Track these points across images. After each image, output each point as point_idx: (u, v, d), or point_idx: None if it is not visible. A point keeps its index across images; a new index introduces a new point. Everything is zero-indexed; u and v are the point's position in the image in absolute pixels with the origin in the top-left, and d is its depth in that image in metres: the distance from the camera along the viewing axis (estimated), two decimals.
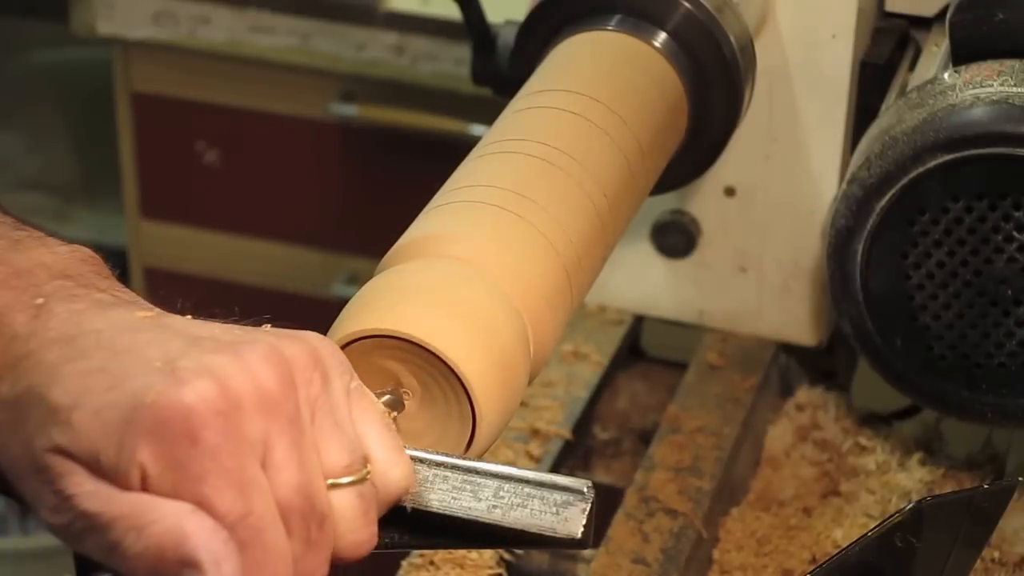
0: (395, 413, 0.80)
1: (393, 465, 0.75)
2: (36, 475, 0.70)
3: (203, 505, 0.68)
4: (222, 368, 0.70)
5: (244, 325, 0.76)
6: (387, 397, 0.81)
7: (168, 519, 0.68)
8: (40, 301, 0.74)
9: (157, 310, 0.76)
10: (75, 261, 0.79)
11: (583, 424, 1.28)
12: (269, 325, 0.77)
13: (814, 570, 0.90)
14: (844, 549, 0.91)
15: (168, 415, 0.68)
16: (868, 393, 1.32)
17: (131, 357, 0.70)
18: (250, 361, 0.71)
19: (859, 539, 0.90)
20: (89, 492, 0.69)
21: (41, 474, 0.70)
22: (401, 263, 0.87)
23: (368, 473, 0.74)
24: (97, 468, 0.69)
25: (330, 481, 0.72)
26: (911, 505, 0.90)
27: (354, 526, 0.73)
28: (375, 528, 0.75)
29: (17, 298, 0.75)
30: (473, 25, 1.24)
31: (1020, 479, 1.00)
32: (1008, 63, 1.11)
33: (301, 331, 0.75)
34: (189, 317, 0.75)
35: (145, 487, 0.69)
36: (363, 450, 0.74)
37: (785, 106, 1.25)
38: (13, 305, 0.74)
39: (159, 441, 0.68)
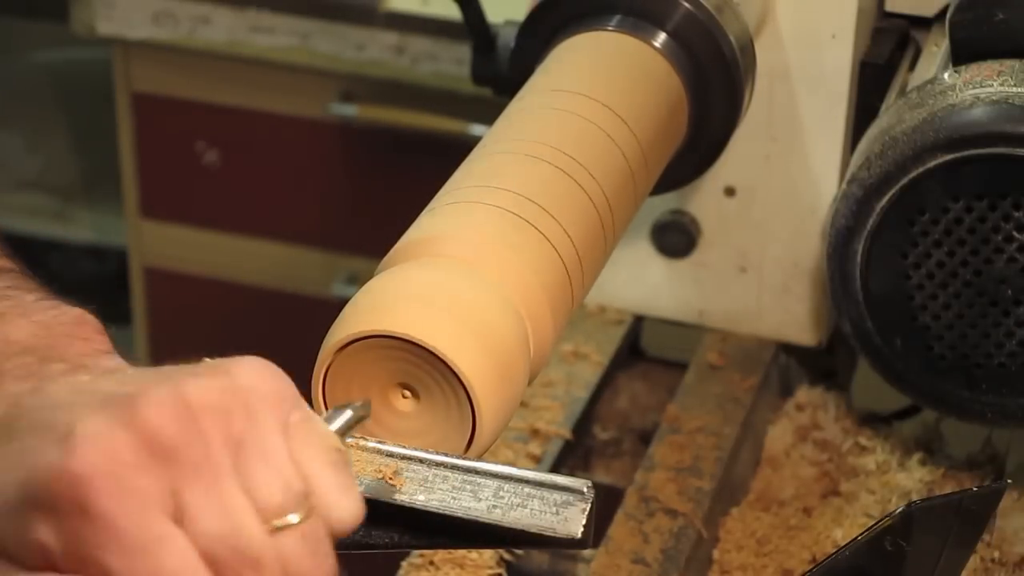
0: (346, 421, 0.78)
1: (335, 503, 0.70)
2: None
3: (110, 574, 0.65)
4: (109, 428, 0.66)
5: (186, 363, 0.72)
6: (348, 414, 0.77)
7: None
8: None
9: (112, 369, 0.73)
10: (45, 333, 0.76)
11: (583, 424, 1.28)
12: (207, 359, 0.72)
13: (804, 574, 0.90)
14: (834, 553, 0.91)
15: (57, 487, 0.65)
16: (868, 393, 1.32)
17: (42, 432, 0.68)
18: (140, 411, 0.67)
19: (848, 543, 0.90)
20: None
21: None
22: (401, 263, 0.87)
23: (311, 511, 0.69)
24: (7, 554, 0.67)
25: (274, 523, 0.68)
26: (900, 509, 0.90)
27: (304, 567, 0.69)
28: (332, 562, 0.70)
29: None
30: (473, 25, 1.24)
31: (1009, 481, 1.00)
32: (1008, 63, 1.11)
33: (235, 362, 0.71)
34: (137, 371, 0.72)
35: (51, 566, 0.66)
36: (302, 485, 0.69)
37: (785, 106, 1.25)
38: None
39: (54, 515, 0.66)
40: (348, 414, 0.76)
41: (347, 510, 0.71)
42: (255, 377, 0.70)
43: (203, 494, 0.67)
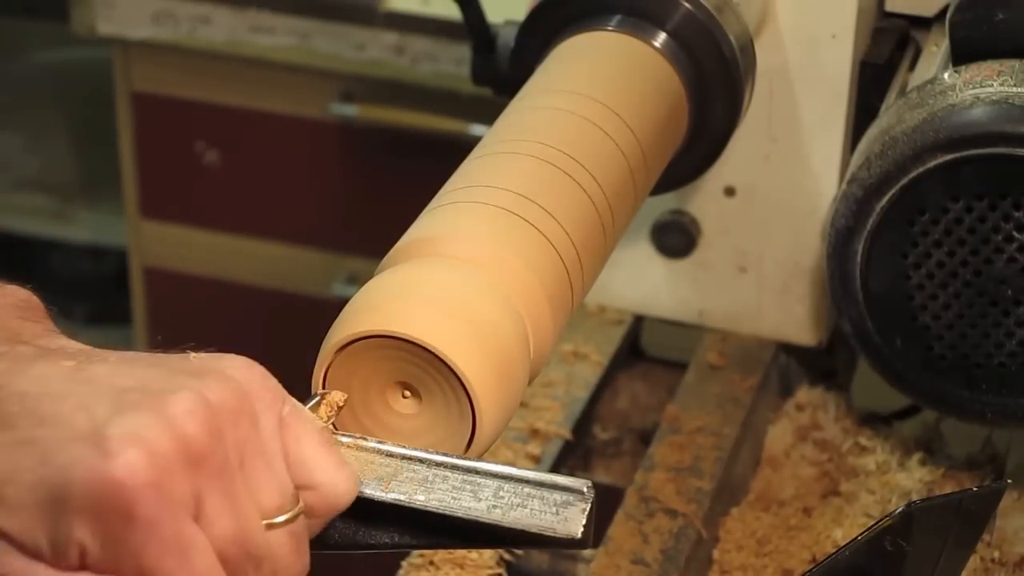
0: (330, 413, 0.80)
1: (335, 486, 0.74)
2: None
3: (146, 574, 0.67)
4: (147, 431, 0.68)
5: (171, 352, 0.73)
6: (316, 397, 0.80)
7: None
8: None
9: (84, 352, 0.73)
10: (3, 306, 0.77)
11: (583, 424, 1.28)
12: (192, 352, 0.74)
13: (804, 574, 0.90)
14: (834, 553, 0.91)
15: (101, 493, 0.67)
16: (868, 393, 1.32)
17: (57, 426, 0.68)
18: (175, 417, 0.68)
19: (848, 543, 0.90)
20: (20, 571, 0.68)
21: None
22: (401, 263, 0.87)
23: (300, 510, 0.73)
24: (31, 548, 0.68)
25: (265, 521, 0.72)
26: (900, 509, 0.90)
27: (288, 562, 0.73)
28: (307, 559, 0.74)
29: None
30: (473, 25, 1.24)
31: (1009, 481, 1.00)
32: (1008, 63, 1.11)
33: (225, 362, 0.73)
34: (113, 357, 0.72)
35: (84, 565, 0.68)
36: (293, 485, 0.73)
37: (785, 106, 1.25)
38: None
39: (96, 519, 0.67)
40: (328, 397, 0.80)
41: (344, 484, 0.75)
42: (251, 378, 0.73)
43: (221, 498, 0.70)
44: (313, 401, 0.81)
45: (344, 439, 0.78)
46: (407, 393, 0.82)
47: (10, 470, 0.68)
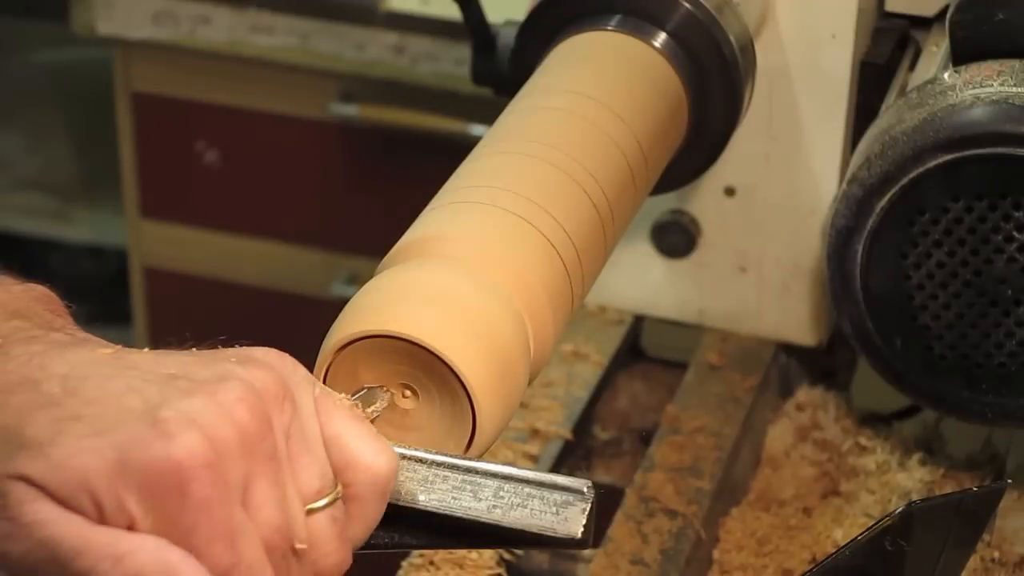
0: (373, 408, 0.80)
1: (376, 455, 0.75)
2: None
3: (194, 556, 0.68)
4: (203, 415, 0.69)
5: (201, 348, 0.74)
6: (363, 392, 0.81)
7: (147, 550, 0.68)
8: None
9: (116, 347, 0.74)
10: (29, 300, 0.78)
11: (583, 424, 1.28)
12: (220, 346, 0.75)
13: (804, 574, 0.90)
14: (834, 553, 0.91)
15: (158, 470, 0.68)
16: (868, 393, 1.32)
17: (106, 406, 0.69)
18: (229, 404, 0.70)
19: (849, 543, 0.90)
20: (54, 520, 0.68)
21: None
22: (401, 263, 0.87)
23: (339, 493, 0.74)
24: (73, 505, 0.68)
25: (306, 507, 0.72)
26: (900, 509, 0.90)
27: (329, 549, 0.73)
28: (350, 548, 0.75)
29: None
30: (473, 25, 1.24)
31: (1009, 481, 1.00)
32: (1008, 63, 1.11)
33: (259, 352, 0.74)
34: (147, 350, 0.74)
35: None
36: (332, 468, 0.74)
37: (785, 106, 1.25)
38: None
39: (150, 495, 0.68)
40: (363, 392, 0.81)
41: (385, 461, 0.75)
42: (285, 365, 0.74)
43: (268, 486, 0.71)
44: (360, 394, 0.81)
45: None
46: (407, 393, 0.82)
47: (56, 434, 0.68)
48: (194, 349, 0.74)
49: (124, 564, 0.68)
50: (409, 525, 0.77)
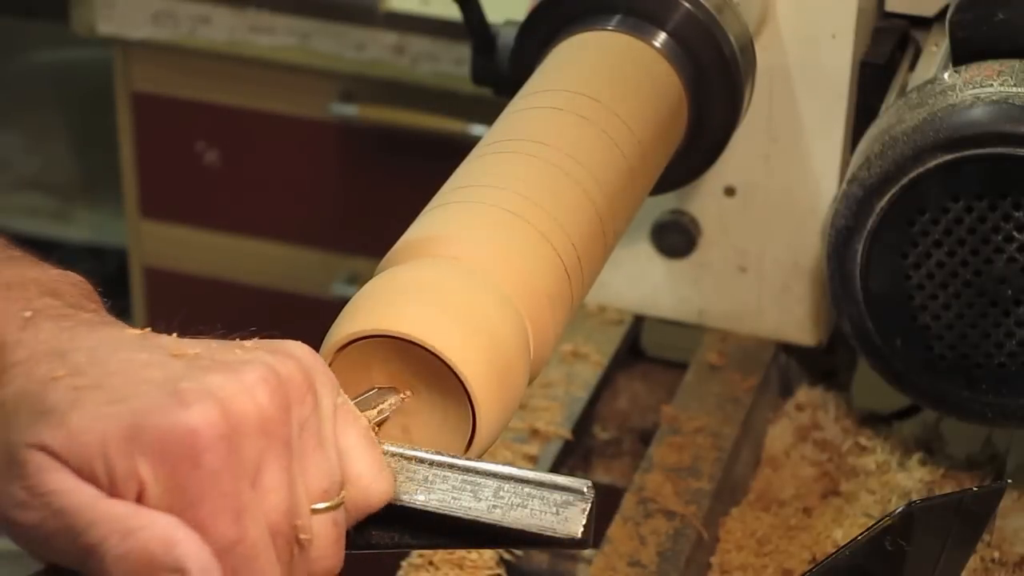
0: (383, 407, 0.80)
1: (374, 480, 0.75)
2: (7, 470, 0.70)
3: (198, 528, 0.68)
4: (224, 390, 0.69)
5: (230, 339, 0.75)
6: (372, 391, 0.81)
7: (157, 527, 0.68)
8: (28, 314, 0.74)
9: (145, 329, 0.75)
10: (65, 283, 0.79)
11: (583, 424, 1.28)
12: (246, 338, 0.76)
13: (804, 574, 0.90)
14: (834, 553, 0.91)
15: (173, 436, 0.68)
16: (868, 393, 1.32)
17: (128, 377, 0.70)
18: (250, 383, 0.70)
19: (848, 543, 0.90)
20: (71, 490, 0.69)
21: (14, 469, 0.69)
22: (401, 263, 0.87)
23: (343, 499, 0.74)
24: (87, 473, 0.69)
25: (313, 506, 0.73)
26: (900, 509, 0.90)
27: (327, 552, 0.74)
28: (343, 554, 0.75)
29: (6, 309, 0.75)
30: (473, 25, 1.24)
31: (1009, 481, 1.00)
32: (1008, 63, 1.11)
33: (289, 344, 0.75)
34: (175, 336, 0.74)
35: (140, 502, 0.69)
36: (341, 474, 0.74)
37: (785, 106, 1.25)
38: (2, 315, 0.74)
39: (162, 461, 0.68)
40: (372, 392, 0.81)
41: (381, 488, 0.75)
42: (314, 361, 0.74)
43: (280, 471, 0.71)
44: (369, 393, 0.81)
45: None
46: (407, 393, 0.82)
47: (75, 402, 0.69)
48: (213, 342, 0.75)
49: (130, 539, 0.68)
50: (409, 525, 0.77)
